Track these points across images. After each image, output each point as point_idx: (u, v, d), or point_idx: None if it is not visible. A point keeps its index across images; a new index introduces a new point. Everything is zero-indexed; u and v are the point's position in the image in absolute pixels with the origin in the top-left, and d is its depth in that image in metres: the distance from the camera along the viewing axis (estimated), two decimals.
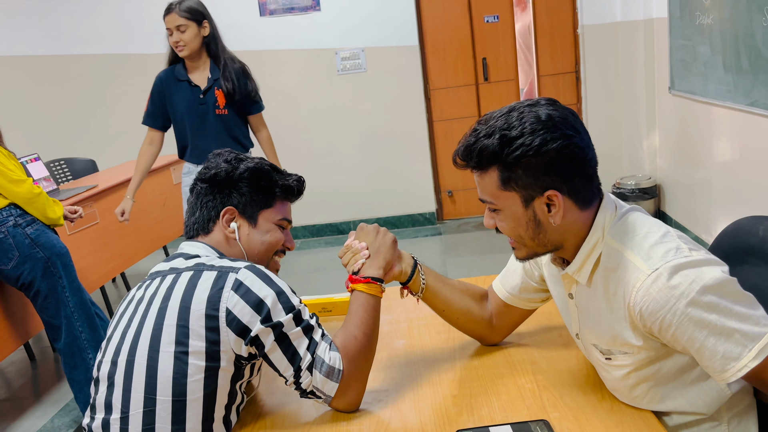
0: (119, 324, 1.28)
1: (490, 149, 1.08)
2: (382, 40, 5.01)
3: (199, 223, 1.37)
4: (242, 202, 1.36)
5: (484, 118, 1.13)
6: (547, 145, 1.06)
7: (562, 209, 1.10)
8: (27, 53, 5.21)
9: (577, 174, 1.10)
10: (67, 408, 3.07)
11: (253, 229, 1.37)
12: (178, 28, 2.97)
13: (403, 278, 1.39)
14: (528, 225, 1.13)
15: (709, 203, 3.77)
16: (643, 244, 1.08)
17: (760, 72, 2.94)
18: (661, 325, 1.04)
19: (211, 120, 3.09)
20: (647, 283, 1.04)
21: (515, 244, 1.19)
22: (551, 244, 1.15)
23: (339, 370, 1.22)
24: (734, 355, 1.01)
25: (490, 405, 1.25)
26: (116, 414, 1.19)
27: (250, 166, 1.38)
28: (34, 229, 2.64)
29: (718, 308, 1.01)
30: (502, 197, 1.12)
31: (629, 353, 1.13)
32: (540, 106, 1.10)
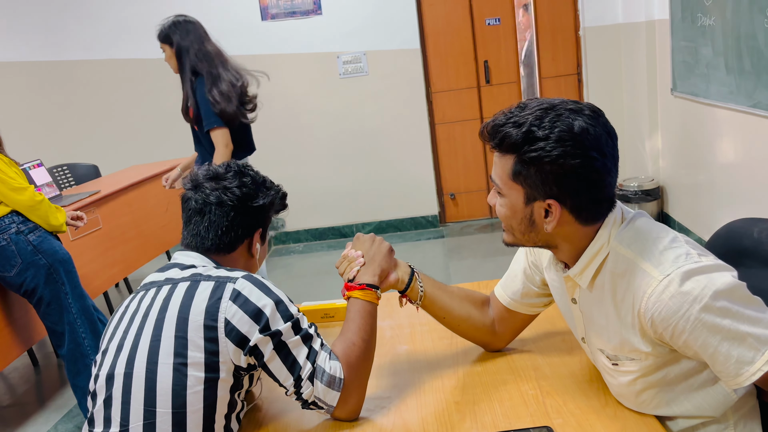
0: (114, 336, 1.27)
1: (512, 139, 1.08)
2: (383, 43, 5.02)
3: (224, 243, 1.34)
4: (264, 225, 1.42)
5: (525, 103, 1.12)
6: (566, 159, 1.05)
7: (556, 220, 1.10)
8: (29, 59, 5.23)
9: (587, 194, 1.09)
10: (70, 414, 3.07)
11: (262, 246, 1.43)
12: (162, 50, 3.16)
13: (400, 286, 1.39)
14: (522, 220, 1.14)
15: (712, 205, 3.76)
16: (653, 249, 1.07)
17: (762, 73, 2.93)
18: (673, 331, 1.03)
19: (193, 133, 3.25)
20: (659, 289, 1.03)
21: (506, 229, 1.20)
22: (541, 242, 1.17)
23: (340, 379, 1.22)
24: (748, 359, 1.00)
25: (494, 411, 1.24)
26: (115, 428, 1.18)
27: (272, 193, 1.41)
28: (36, 236, 2.65)
29: (731, 313, 1.00)
30: (508, 186, 1.13)
31: (636, 359, 1.12)
32: (580, 116, 1.07)
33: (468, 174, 5.30)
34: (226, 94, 3.05)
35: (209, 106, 3.04)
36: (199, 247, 1.35)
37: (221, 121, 3.05)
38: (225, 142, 3.08)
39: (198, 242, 1.35)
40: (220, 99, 3.03)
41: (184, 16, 3.17)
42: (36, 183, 3.62)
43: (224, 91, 3.05)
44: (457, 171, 5.30)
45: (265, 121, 5.17)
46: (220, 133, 3.07)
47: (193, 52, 3.09)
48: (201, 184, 1.36)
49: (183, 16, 3.17)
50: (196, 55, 3.09)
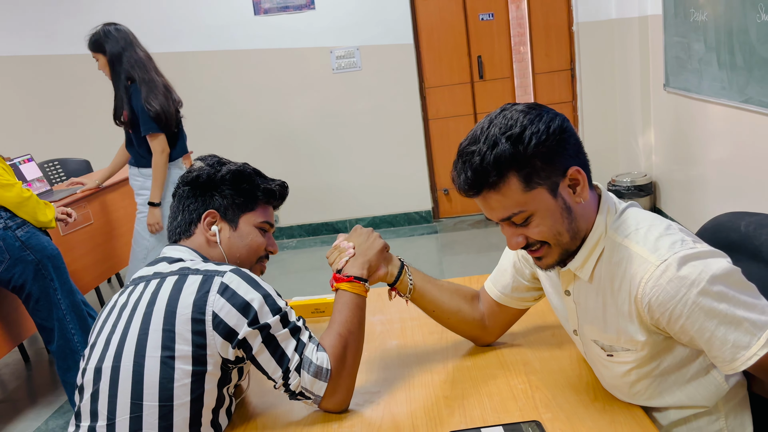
0: (102, 330, 1.26)
1: (505, 155, 1.05)
2: (377, 38, 5.00)
3: (181, 227, 1.37)
4: (224, 205, 1.37)
5: (468, 141, 1.09)
6: (551, 124, 1.06)
7: (585, 183, 1.10)
8: (20, 53, 5.19)
9: (578, 147, 1.11)
10: (61, 410, 3.06)
11: (234, 233, 1.37)
12: (95, 58, 3.27)
13: (389, 279, 1.39)
14: (562, 215, 1.10)
15: (705, 200, 3.77)
16: (648, 236, 1.08)
17: (754, 69, 2.93)
18: (670, 316, 1.04)
19: (126, 135, 3.35)
20: (656, 274, 1.03)
21: (548, 249, 1.13)
22: (579, 232, 1.12)
23: (327, 370, 1.22)
24: (744, 343, 1.01)
25: (483, 406, 1.24)
26: (102, 421, 1.18)
27: (231, 168, 1.38)
28: (24, 232, 2.63)
29: (727, 297, 1.01)
30: (530, 199, 1.08)
31: (632, 350, 1.13)
32: (509, 107, 1.10)
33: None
34: (162, 99, 3.17)
35: (146, 113, 3.15)
36: (171, 237, 1.39)
37: (158, 127, 3.17)
38: (161, 147, 3.21)
39: (170, 231, 1.39)
40: (157, 105, 3.14)
41: (114, 24, 3.28)
42: (26, 178, 3.60)
43: (160, 97, 3.17)
44: (450, 167, 5.25)
45: (258, 116, 5.17)
46: (158, 140, 3.20)
47: (126, 59, 3.19)
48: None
49: (113, 24, 3.28)
50: (129, 61, 3.19)
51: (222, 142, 5.11)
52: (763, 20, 2.78)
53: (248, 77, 5.11)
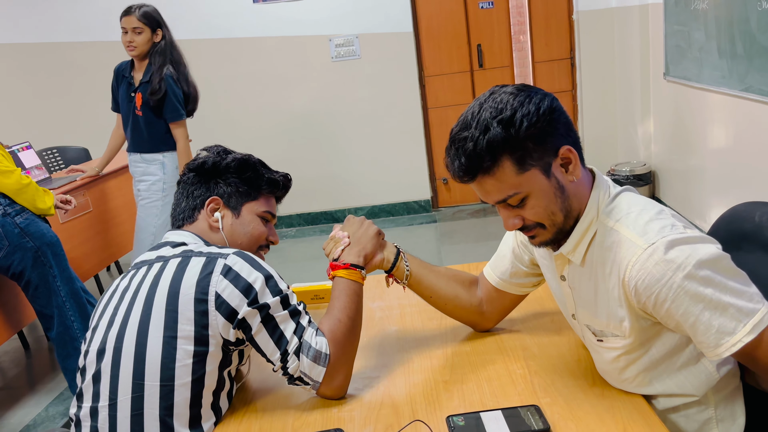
0: (104, 313, 1.28)
1: (499, 138, 1.05)
2: (376, 26, 4.98)
3: (185, 212, 1.40)
4: (227, 192, 1.40)
5: (457, 129, 1.09)
6: (541, 105, 1.06)
7: (577, 161, 1.10)
8: (19, 41, 5.17)
9: (569, 125, 1.11)
10: (61, 397, 3.07)
11: (236, 220, 1.40)
12: (134, 30, 3.19)
13: (386, 266, 1.40)
14: (556, 194, 1.10)
15: (704, 189, 3.77)
16: (638, 220, 1.08)
17: (754, 57, 2.93)
18: (656, 299, 1.04)
19: (132, 118, 3.30)
20: (643, 258, 1.04)
21: (542, 230, 1.14)
22: (572, 212, 1.13)
23: (326, 355, 1.22)
24: (729, 329, 1.01)
25: (482, 391, 1.25)
26: (104, 401, 1.19)
27: (237, 157, 1.42)
28: (23, 219, 2.62)
29: (714, 283, 1.01)
30: (524, 180, 1.08)
31: (620, 335, 1.13)
32: (498, 89, 1.10)
33: None
34: (194, 91, 3.33)
35: (179, 100, 3.21)
36: (174, 223, 1.41)
37: (185, 115, 3.28)
38: (185, 134, 3.30)
39: (174, 217, 1.41)
40: (189, 90, 3.29)
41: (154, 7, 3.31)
42: (25, 165, 3.59)
43: (192, 88, 3.32)
44: None
45: (257, 105, 5.15)
46: (183, 127, 3.28)
47: (173, 46, 3.26)
48: None
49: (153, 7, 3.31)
50: (171, 44, 3.26)
51: (220, 130, 5.10)
52: (763, 9, 2.78)
53: (247, 66, 5.09)
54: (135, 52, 3.23)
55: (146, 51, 3.23)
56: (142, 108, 3.24)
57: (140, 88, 3.25)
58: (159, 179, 3.30)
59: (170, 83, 3.20)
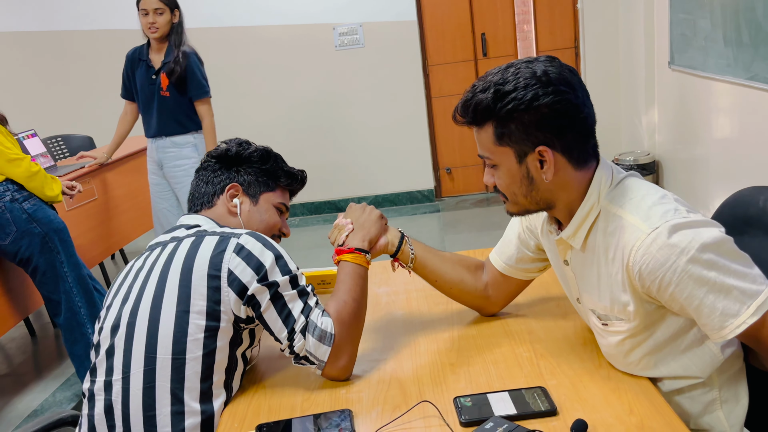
0: (119, 292, 1.31)
1: (484, 103, 1.10)
2: (380, 15, 4.97)
3: (204, 197, 1.44)
4: (247, 180, 1.45)
5: (486, 73, 1.14)
6: (539, 99, 1.07)
7: (553, 166, 1.11)
8: (24, 29, 5.16)
9: (571, 130, 1.10)
10: (68, 383, 3.09)
11: (254, 207, 1.45)
12: (155, 11, 3.19)
13: (390, 250, 1.42)
14: (522, 182, 1.14)
15: (708, 179, 3.77)
16: (641, 205, 1.09)
17: (760, 46, 2.92)
18: (660, 283, 1.05)
19: (156, 100, 3.31)
20: (647, 242, 1.04)
21: (504, 199, 1.20)
22: (543, 201, 1.17)
23: (331, 334, 1.24)
24: (733, 311, 1.02)
25: (488, 373, 1.26)
26: (117, 375, 1.22)
27: (259, 148, 1.48)
28: (31, 204, 2.64)
29: (717, 266, 1.02)
30: (498, 152, 1.13)
31: (624, 319, 1.14)
32: (537, 63, 1.10)
33: (464, 148, 5.29)
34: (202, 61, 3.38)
35: (203, 76, 3.28)
36: (192, 207, 1.45)
37: (210, 92, 3.33)
38: (211, 111, 3.35)
39: (192, 201, 1.45)
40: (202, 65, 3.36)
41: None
42: (30, 153, 3.60)
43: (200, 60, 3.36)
44: (453, 145, 5.29)
45: (260, 94, 5.15)
46: (209, 104, 3.33)
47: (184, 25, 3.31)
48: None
49: None
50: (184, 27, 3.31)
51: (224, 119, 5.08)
52: None
53: (250, 55, 5.08)
54: (157, 34, 3.23)
55: (167, 32, 3.25)
56: (168, 88, 3.25)
57: (163, 68, 3.26)
58: (195, 161, 3.31)
59: (194, 59, 3.25)
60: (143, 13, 3.21)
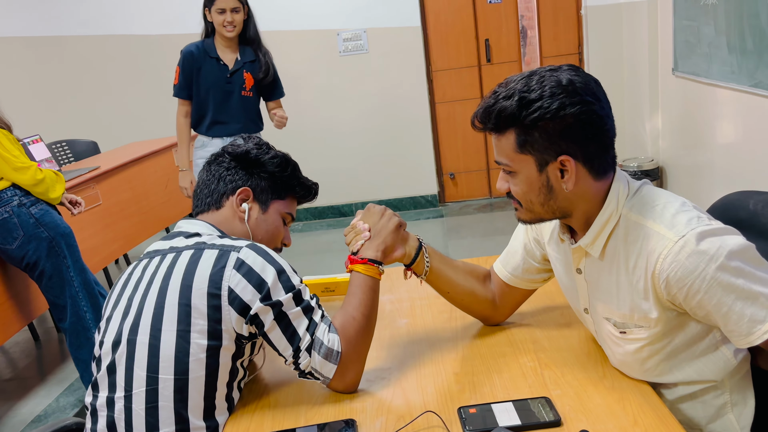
0: (119, 303, 1.28)
1: (508, 111, 1.09)
2: (384, 20, 4.98)
3: (212, 196, 1.38)
4: (260, 186, 1.39)
5: (505, 81, 1.13)
6: (565, 109, 1.06)
7: (574, 175, 1.11)
8: (28, 34, 5.19)
9: (594, 141, 1.10)
10: (71, 387, 3.10)
11: (262, 215, 1.40)
12: (233, 10, 3.10)
13: (406, 260, 1.38)
14: (540, 190, 1.13)
15: (712, 185, 3.77)
16: (665, 213, 1.09)
17: (764, 53, 2.92)
18: (688, 291, 1.05)
19: (236, 99, 3.24)
20: (675, 250, 1.05)
21: (521, 208, 1.19)
22: (560, 211, 1.16)
23: (337, 352, 1.22)
24: (760, 318, 1.03)
25: (492, 383, 1.26)
26: (120, 392, 1.20)
27: (279, 154, 1.42)
28: (38, 209, 2.66)
29: (744, 273, 1.03)
30: (518, 160, 1.13)
31: (645, 326, 1.14)
32: (562, 72, 1.10)
33: (468, 154, 5.29)
34: None
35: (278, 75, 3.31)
36: (195, 209, 1.39)
37: None
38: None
39: (195, 203, 1.40)
40: None
41: None
42: (35, 158, 3.61)
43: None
44: (456, 150, 5.29)
45: None
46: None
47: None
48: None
49: None
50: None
51: None
52: None
53: None
54: (234, 32, 3.14)
55: (241, 30, 3.17)
56: (252, 88, 3.23)
57: (246, 67, 3.21)
58: None
59: (273, 60, 3.27)
60: (219, 11, 3.10)
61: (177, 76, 3.25)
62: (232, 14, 3.09)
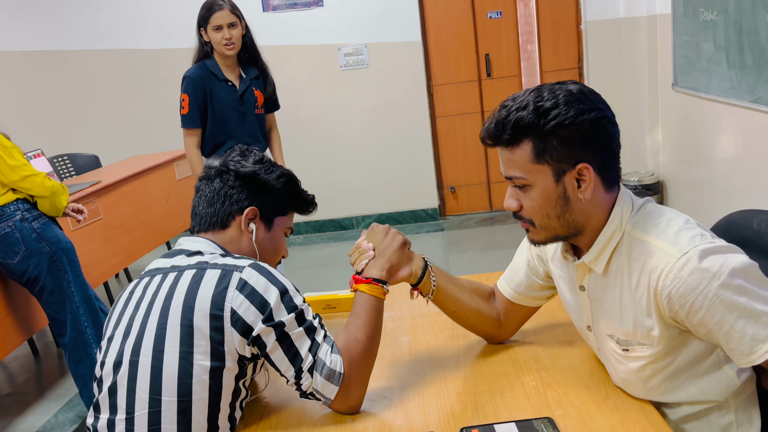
0: (120, 323, 1.27)
1: (525, 120, 1.08)
2: (385, 35, 5.01)
3: (218, 216, 1.34)
4: (267, 205, 1.38)
5: (512, 96, 1.14)
6: (583, 115, 1.07)
7: (592, 184, 1.11)
8: (30, 49, 5.21)
9: (607, 149, 1.11)
10: (71, 403, 3.08)
11: (267, 234, 1.39)
12: (230, 26, 2.90)
13: (413, 280, 1.37)
14: (557, 202, 1.12)
15: (712, 200, 3.77)
16: (668, 230, 1.09)
17: (764, 68, 2.93)
18: (690, 308, 1.05)
19: (250, 119, 3.08)
20: (677, 267, 1.05)
21: (534, 228, 1.17)
22: (574, 225, 1.15)
23: (340, 374, 1.21)
24: (762, 337, 1.03)
25: (495, 403, 1.25)
26: (121, 414, 1.19)
27: (285, 173, 1.40)
28: (40, 224, 2.65)
29: (747, 291, 1.03)
30: (534, 171, 1.11)
31: (647, 344, 1.14)
32: (567, 84, 1.12)
33: (468, 167, 5.30)
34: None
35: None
36: (196, 227, 1.36)
37: None
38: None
39: (196, 222, 1.36)
40: None
41: None
42: None
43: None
44: (457, 164, 5.30)
45: None
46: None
47: None
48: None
49: None
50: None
51: None
52: None
53: None
54: (234, 50, 2.92)
55: (240, 46, 2.97)
56: (263, 105, 3.12)
57: (254, 84, 3.06)
58: None
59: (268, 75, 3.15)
60: (215, 29, 2.88)
61: (186, 105, 2.96)
62: (230, 30, 2.89)
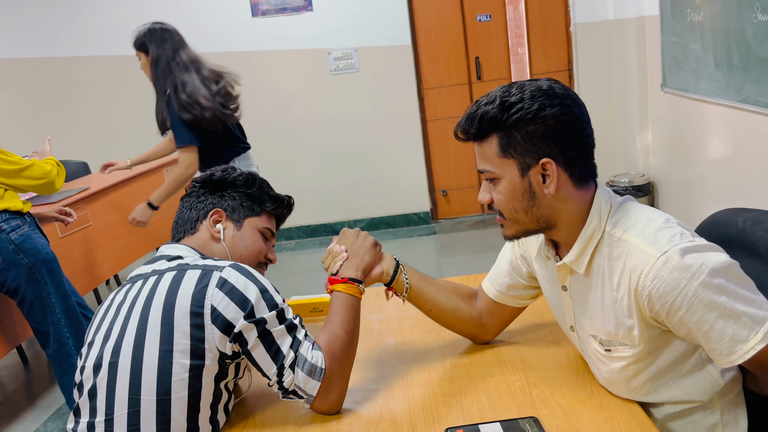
0: (100, 328, 1.27)
1: (490, 114, 1.11)
2: (374, 39, 5.01)
3: (188, 224, 1.41)
4: (231, 205, 1.42)
5: (486, 93, 1.15)
6: (546, 110, 1.08)
7: (556, 179, 1.11)
8: (19, 56, 5.19)
9: (574, 145, 1.11)
10: (60, 412, 3.06)
11: (237, 232, 1.41)
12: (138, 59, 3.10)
13: (385, 279, 1.39)
14: (523, 196, 1.14)
15: (703, 200, 3.78)
16: (647, 229, 1.09)
17: (750, 69, 2.94)
18: (670, 307, 1.04)
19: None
20: (657, 266, 1.04)
21: (506, 221, 1.19)
22: (543, 219, 1.16)
23: (321, 369, 1.22)
24: (742, 337, 1.02)
25: (480, 403, 1.24)
26: (101, 417, 1.18)
27: (244, 173, 1.45)
28: (18, 235, 2.60)
29: (727, 291, 1.02)
30: (501, 165, 1.13)
31: (629, 344, 1.13)
32: (541, 80, 1.13)
33: (460, 170, 5.30)
34: (189, 102, 2.93)
35: (180, 122, 2.95)
36: (175, 237, 1.42)
37: (194, 138, 2.98)
38: (188, 163, 3.00)
39: (174, 232, 1.42)
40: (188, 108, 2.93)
41: (160, 23, 3.09)
42: None
43: (184, 101, 2.92)
44: (448, 168, 5.30)
45: (256, 118, 5.15)
46: (187, 154, 3.00)
47: (168, 62, 3.00)
48: None
49: (159, 23, 3.09)
50: (168, 64, 2.99)
51: None
52: (759, 20, 2.79)
53: (246, 79, 5.07)
54: (149, 79, 3.06)
55: (151, 76, 3.06)
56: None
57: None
58: None
59: (167, 108, 3.00)
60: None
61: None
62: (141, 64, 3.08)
